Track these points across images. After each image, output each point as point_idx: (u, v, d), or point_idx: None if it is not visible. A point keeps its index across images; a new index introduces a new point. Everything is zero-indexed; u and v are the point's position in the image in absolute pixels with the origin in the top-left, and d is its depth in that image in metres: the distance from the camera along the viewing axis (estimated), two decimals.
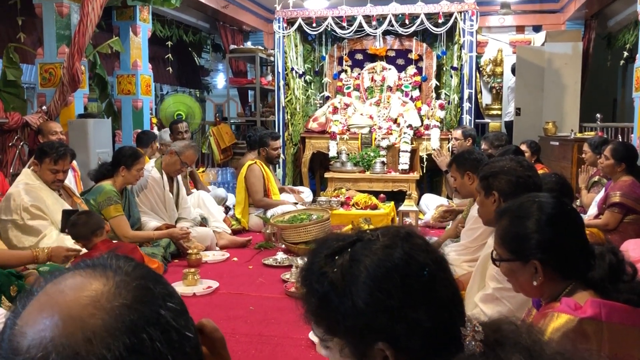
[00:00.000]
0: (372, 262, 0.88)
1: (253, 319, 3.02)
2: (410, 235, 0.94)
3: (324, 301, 0.90)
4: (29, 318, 0.57)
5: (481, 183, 2.32)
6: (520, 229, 1.52)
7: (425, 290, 0.88)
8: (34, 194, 3.37)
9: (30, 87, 7.83)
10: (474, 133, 5.85)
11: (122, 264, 0.62)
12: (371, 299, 0.86)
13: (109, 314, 0.56)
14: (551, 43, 7.58)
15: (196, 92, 11.54)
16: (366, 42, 7.08)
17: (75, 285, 0.59)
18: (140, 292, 0.59)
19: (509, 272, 1.56)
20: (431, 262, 0.90)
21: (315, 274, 0.92)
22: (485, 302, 2.05)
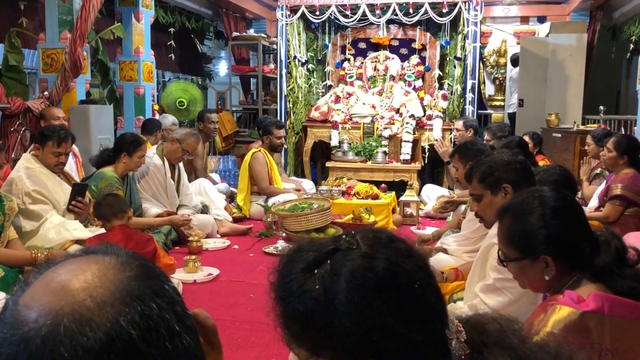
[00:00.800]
0: (356, 276, 0.81)
1: (253, 306, 3.03)
2: (392, 240, 0.87)
3: (308, 323, 0.82)
4: (34, 294, 0.57)
5: (484, 182, 2.25)
6: (525, 225, 1.50)
7: (417, 303, 0.82)
8: (35, 179, 3.37)
9: (32, 73, 7.81)
10: (475, 124, 5.83)
11: (121, 252, 0.63)
12: (360, 317, 0.79)
13: (117, 285, 0.57)
14: (555, 34, 7.54)
15: (198, 79, 11.50)
16: (369, 31, 7.05)
17: (80, 267, 0.59)
18: (144, 268, 0.61)
19: (518, 270, 1.53)
20: (419, 270, 0.84)
21: (294, 293, 0.83)
22: (486, 292, 2.05)
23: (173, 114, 7.08)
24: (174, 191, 4.59)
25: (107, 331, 0.54)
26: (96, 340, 0.53)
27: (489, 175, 2.25)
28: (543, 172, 2.64)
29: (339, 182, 5.64)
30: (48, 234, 3.28)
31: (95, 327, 0.54)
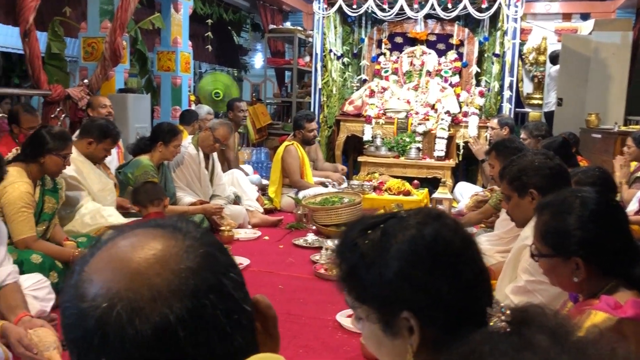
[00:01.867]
0: (402, 237, 0.93)
1: (282, 297, 3.04)
2: (441, 215, 0.99)
3: (353, 269, 0.96)
4: (97, 267, 0.58)
5: (513, 185, 2.24)
6: (561, 224, 1.47)
7: (450, 265, 0.92)
8: (73, 166, 3.44)
9: (73, 61, 7.99)
10: (511, 122, 5.72)
11: (191, 229, 0.63)
12: (397, 269, 0.91)
13: (175, 275, 0.57)
14: (599, 32, 7.34)
15: (234, 71, 11.59)
16: (407, 25, 6.98)
17: (145, 243, 0.59)
18: (206, 258, 0.60)
19: (548, 267, 1.52)
20: (458, 240, 0.95)
21: (347, 245, 0.98)
22: (517, 294, 2.02)
23: (208, 104, 7.16)
24: (207, 181, 4.64)
25: (155, 326, 0.54)
26: (143, 334, 0.54)
27: (517, 179, 2.23)
28: (581, 173, 2.58)
29: (371, 177, 5.62)
30: (84, 219, 3.36)
31: (145, 319, 0.54)
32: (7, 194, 2.69)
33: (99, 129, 3.53)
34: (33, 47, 4.50)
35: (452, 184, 5.95)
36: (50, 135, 2.88)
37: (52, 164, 2.88)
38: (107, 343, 0.54)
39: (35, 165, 2.86)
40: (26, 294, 2.41)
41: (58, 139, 2.89)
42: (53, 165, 2.89)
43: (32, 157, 2.85)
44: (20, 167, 2.81)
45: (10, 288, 2.33)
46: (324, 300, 2.95)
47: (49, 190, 2.97)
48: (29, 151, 2.87)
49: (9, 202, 2.71)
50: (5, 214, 2.71)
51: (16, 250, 2.67)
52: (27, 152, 2.87)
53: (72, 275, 0.60)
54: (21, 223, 2.73)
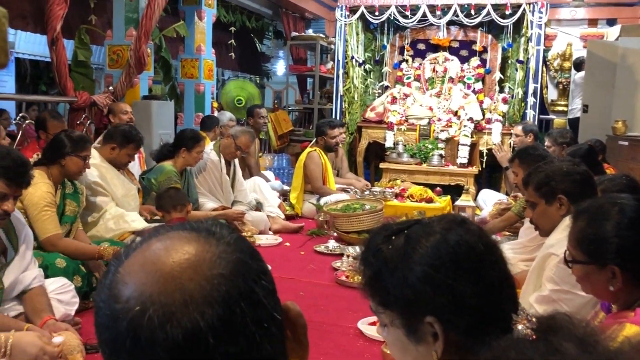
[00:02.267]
0: (426, 241, 0.94)
1: (302, 304, 3.01)
2: (465, 221, 0.99)
3: (377, 274, 0.96)
4: (131, 268, 0.59)
5: (540, 191, 2.20)
6: (599, 231, 1.44)
7: (473, 269, 0.92)
8: (97, 172, 3.49)
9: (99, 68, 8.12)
10: (535, 129, 5.65)
11: (225, 233, 0.63)
12: (421, 274, 0.92)
13: (207, 281, 0.57)
14: (626, 38, 7.21)
15: (256, 78, 11.66)
16: (429, 32, 6.95)
17: (180, 246, 0.59)
18: (239, 265, 0.60)
19: (583, 275, 1.49)
20: (482, 245, 0.94)
21: (371, 251, 0.99)
22: (541, 304, 1.99)
23: (231, 111, 7.21)
24: (229, 187, 4.67)
25: (186, 331, 0.54)
26: (174, 339, 0.54)
27: (544, 185, 2.19)
28: (608, 181, 2.52)
29: (393, 184, 5.59)
30: (107, 225, 3.39)
31: (176, 324, 0.54)
32: (29, 195, 2.73)
33: (122, 134, 3.58)
34: (60, 55, 4.59)
35: (475, 192, 5.89)
36: (69, 138, 2.96)
37: (73, 165, 2.95)
38: (138, 346, 0.55)
39: (56, 167, 2.92)
40: (51, 297, 2.45)
41: (77, 141, 2.96)
42: (74, 167, 2.95)
43: (52, 159, 2.92)
44: (42, 170, 2.87)
45: (35, 292, 2.36)
46: (345, 308, 2.93)
47: (69, 194, 3.02)
48: (49, 154, 2.94)
49: (32, 203, 2.76)
50: (29, 215, 2.76)
51: (41, 255, 2.71)
52: (48, 155, 2.94)
53: (107, 274, 0.61)
54: (46, 222, 2.78)
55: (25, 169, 2.20)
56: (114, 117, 4.54)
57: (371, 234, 1.04)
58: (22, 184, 2.20)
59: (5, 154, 2.14)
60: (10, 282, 2.28)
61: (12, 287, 2.29)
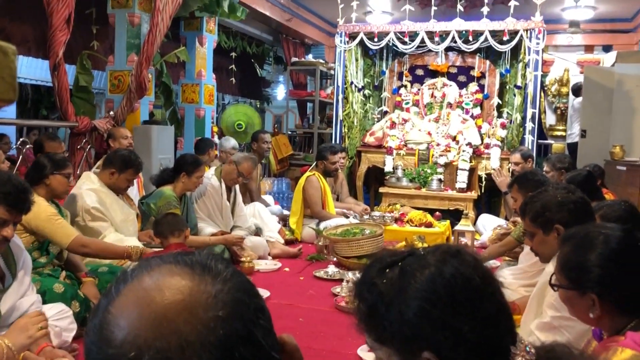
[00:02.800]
0: (421, 275, 0.92)
1: (302, 330, 3.01)
2: (460, 252, 0.97)
3: (373, 310, 0.94)
4: (124, 309, 0.57)
5: (536, 222, 2.21)
6: (581, 259, 1.46)
7: (470, 303, 0.90)
8: (95, 196, 3.50)
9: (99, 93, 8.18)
10: (532, 153, 5.69)
11: (221, 268, 0.61)
12: (417, 308, 0.90)
13: (204, 325, 0.55)
14: (622, 64, 7.29)
15: (257, 102, 11.74)
16: (428, 57, 7.02)
17: (174, 286, 0.57)
18: (236, 306, 0.58)
19: (566, 299, 1.52)
20: (477, 277, 0.92)
21: (366, 285, 0.97)
22: (542, 330, 1.97)
23: (231, 135, 7.25)
24: (229, 212, 4.67)
25: None
26: None
27: (540, 215, 2.20)
28: (607, 207, 2.52)
29: (392, 209, 5.59)
30: None
31: None
32: (34, 214, 2.72)
33: (122, 159, 3.60)
34: (62, 80, 4.63)
35: (475, 216, 5.89)
36: (49, 159, 3.05)
37: (57, 183, 3.02)
38: None
39: (41, 188, 2.97)
40: (49, 323, 2.42)
41: (57, 161, 3.05)
42: (59, 185, 3.03)
43: (36, 181, 2.97)
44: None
45: None
46: (345, 334, 2.91)
47: None
48: (32, 176, 2.99)
49: (41, 219, 2.81)
50: (44, 229, 2.82)
51: (39, 280, 2.70)
52: (31, 177, 2.98)
53: (97, 312, 0.58)
54: (64, 228, 2.87)
55: (26, 195, 2.20)
56: (113, 142, 4.56)
57: (365, 267, 1.02)
58: (23, 210, 2.21)
59: (6, 180, 2.15)
60: (8, 309, 2.26)
61: (9, 314, 2.27)
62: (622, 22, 8.63)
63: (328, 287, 3.79)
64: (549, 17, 7.20)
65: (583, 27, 8.10)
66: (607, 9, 8.09)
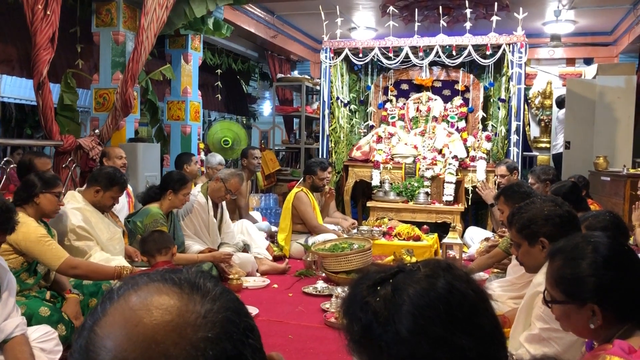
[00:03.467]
0: (415, 291, 0.89)
1: (292, 347, 2.99)
2: (451, 266, 0.95)
3: (367, 330, 0.91)
4: (110, 330, 0.55)
5: (522, 233, 2.24)
6: (575, 271, 1.46)
7: (468, 319, 0.89)
8: (81, 215, 3.47)
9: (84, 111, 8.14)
10: (517, 165, 5.74)
11: (210, 286, 0.60)
12: (414, 326, 0.87)
13: (193, 346, 0.54)
14: (603, 76, 7.42)
15: (243, 118, 11.75)
16: (412, 72, 7.09)
17: (162, 305, 0.56)
18: (226, 326, 0.57)
19: (562, 314, 1.50)
20: (472, 292, 0.91)
21: (358, 304, 0.93)
22: (532, 343, 1.97)
23: (218, 152, 7.23)
24: (216, 229, 4.64)
25: None
26: None
27: (526, 228, 2.23)
28: (592, 218, 2.55)
29: (380, 223, 5.60)
30: None
31: None
32: (23, 235, 2.75)
33: (106, 177, 3.58)
34: (46, 99, 4.60)
35: (462, 229, 5.91)
36: (39, 177, 3.02)
37: (47, 202, 2.98)
38: None
39: (31, 207, 2.94)
40: (34, 346, 2.39)
41: (47, 180, 3.02)
42: (48, 204, 2.99)
43: (26, 200, 2.94)
44: (20, 211, 2.86)
45: (17, 341, 2.31)
46: (335, 350, 2.89)
47: None
48: (22, 195, 2.96)
49: (32, 241, 2.78)
50: (34, 250, 2.79)
51: (24, 303, 2.66)
52: (20, 196, 2.95)
53: (82, 332, 0.57)
54: (54, 250, 2.83)
55: (10, 215, 2.18)
56: (107, 161, 4.53)
57: (352, 285, 0.98)
58: (7, 229, 2.18)
59: None
60: None
61: None
62: (602, 35, 8.79)
63: (317, 302, 3.78)
64: (530, 32, 7.31)
65: (564, 41, 8.24)
66: (587, 23, 8.24)
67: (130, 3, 5.46)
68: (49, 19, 4.37)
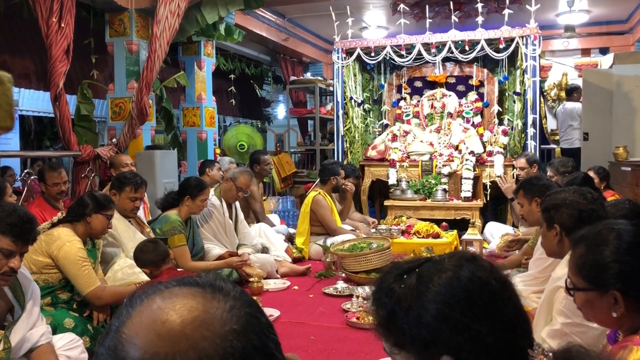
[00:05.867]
0: (438, 279, 0.94)
1: (314, 348, 3.00)
2: (475, 258, 0.99)
3: (391, 314, 0.95)
4: (138, 329, 0.57)
5: (543, 215, 2.28)
6: (598, 257, 1.44)
7: (488, 306, 0.91)
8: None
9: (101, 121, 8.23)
10: (537, 158, 5.67)
11: (229, 287, 0.62)
12: (436, 312, 0.91)
13: (221, 339, 0.56)
14: (620, 65, 7.30)
15: (257, 122, 11.80)
16: (425, 69, 7.05)
17: (186, 303, 0.58)
18: (250, 320, 0.59)
19: (585, 302, 1.48)
20: (494, 281, 0.94)
21: (384, 290, 0.98)
22: (554, 338, 1.96)
23: (234, 156, 7.28)
24: (232, 230, 4.67)
25: None
26: None
27: (545, 211, 2.26)
28: (611, 207, 2.52)
29: (398, 221, 5.58)
30: (116, 276, 3.38)
31: None
32: (64, 253, 2.81)
33: (117, 179, 3.71)
34: (63, 110, 4.67)
35: (482, 225, 5.87)
36: (92, 198, 3.05)
37: (98, 223, 3.02)
38: None
39: (81, 225, 2.99)
40: (59, 354, 2.42)
41: (100, 201, 3.05)
42: (99, 225, 3.03)
43: (77, 218, 2.99)
44: (68, 227, 2.95)
45: (43, 349, 2.34)
46: (357, 350, 2.89)
47: (88, 250, 3.05)
48: (74, 212, 3.01)
49: (70, 261, 2.82)
50: (69, 271, 2.82)
51: (50, 314, 2.70)
52: (73, 214, 3.01)
53: (107, 335, 0.58)
54: (87, 276, 2.85)
55: (31, 226, 2.21)
56: (115, 170, 4.59)
57: (382, 274, 1.03)
58: (29, 240, 2.21)
59: (12, 211, 2.16)
60: (18, 341, 2.25)
61: (19, 346, 2.27)
62: (617, 24, 8.66)
63: (338, 303, 3.78)
64: (543, 23, 7.25)
65: (578, 31, 8.13)
66: (602, 12, 8.13)
67: (143, 12, 5.51)
68: (64, 32, 4.43)
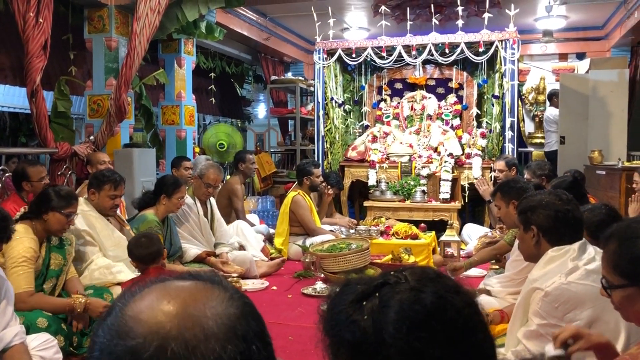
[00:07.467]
0: (404, 308, 0.82)
1: (292, 349, 2.99)
2: (439, 276, 0.89)
3: (356, 351, 0.83)
4: (141, 308, 0.59)
5: (519, 217, 2.26)
6: (633, 250, 1.39)
7: (464, 337, 0.82)
8: (86, 220, 3.46)
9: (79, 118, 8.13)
10: (516, 161, 5.75)
11: (227, 282, 0.65)
12: (407, 348, 0.79)
13: (224, 319, 0.59)
14: (596, 70, 7.44)
15: (238, 121, 11.75)
16: (406, 71, 7.09)
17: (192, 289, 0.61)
18: (249, 308, 0.63)
19: (623, 299, 1.42)
20: (466, 306, 0.85)
21: (343, 323, 0.85)
22: (529, 339, 1.98)
23: (213, 155, 7.23)
24: (208, 229, 4.65)
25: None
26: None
27: (522, 213, 2.25)
28: (588, 212, 2.55)
29: (377, 222, 5.59)
30: (93, 275, 3.34)
31: (201, 357, 0.55)
32: (10, 249, 2.70)
33: (95, 177, 3.65)
34: (40, 107, 4.59)
35: (459, 226, 5.92)
36: (55, 193, 2.94)
37: (55, 221, 2.90)
38: None
39: (39, 222, 2.89)
40: (33, 354, 2.38)
41: (63, 198, 2.93)
42: (56, 223, 2.90)
43: (36, 214, 2.89)
44: (27, 224, 2.86)
45: (16, 349, 2.30)
46: None
47: (55, 247, 2.98)
48: (34, 208, 2.91)
49: (11, 257, 2.71)
50: (6, 267, 2.68)
51: (23, 314, 2.62)
52: (33, 209, 2.91)
53: (109, 315, 0.60)
54: (19, 277, 2.69)
55: (5, 224, 2.18)
56: (91, 168, 4.55)
57: (333, 300, 0.90)
58: (3, 238, 2.18)
59: None
60: None
61: None
62: (593, 29, 8.81)
63: (316, 303, 3.75)
64: (522, 28, 7.33)
65: (556, 36, 8.26)
66: (579, 18, 8.26)
67: (122, 9, 5.45)
68: (41, 27, 4.36)
